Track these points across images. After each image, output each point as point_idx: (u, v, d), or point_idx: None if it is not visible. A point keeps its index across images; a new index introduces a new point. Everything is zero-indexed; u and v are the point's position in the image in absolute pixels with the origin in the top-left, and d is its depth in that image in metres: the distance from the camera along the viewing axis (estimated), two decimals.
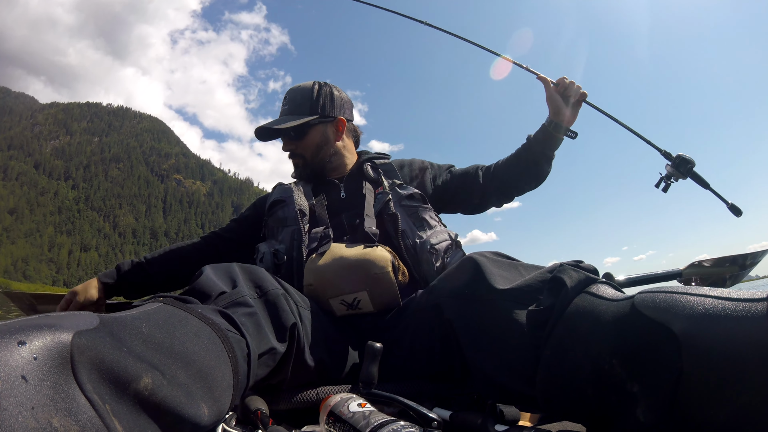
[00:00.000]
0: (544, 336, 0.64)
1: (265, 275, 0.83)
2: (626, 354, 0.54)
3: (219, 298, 0.72)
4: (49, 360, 0.38)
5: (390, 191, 1.21)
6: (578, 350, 0.59)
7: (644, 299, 0.55)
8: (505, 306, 0.72)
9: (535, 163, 1.30)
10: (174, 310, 0.59)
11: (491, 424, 0.63)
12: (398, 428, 0.52)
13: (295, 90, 1.33)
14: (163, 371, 0.48)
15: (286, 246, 1.13)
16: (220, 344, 0.59)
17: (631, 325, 0.55)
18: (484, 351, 0.75)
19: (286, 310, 0.78)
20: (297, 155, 1.32)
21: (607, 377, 0.55)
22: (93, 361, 0.41)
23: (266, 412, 0.69)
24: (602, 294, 0.63)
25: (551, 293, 0.67)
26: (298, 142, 1.30)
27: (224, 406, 0.57)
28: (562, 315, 0.63)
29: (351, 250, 1.01)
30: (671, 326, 0.49)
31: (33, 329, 0.40)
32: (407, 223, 1.15)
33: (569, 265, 0.71)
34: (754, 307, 0.46)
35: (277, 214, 1.20)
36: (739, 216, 1.29)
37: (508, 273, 0.80)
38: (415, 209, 1.18)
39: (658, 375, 0.50)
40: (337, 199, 1.26)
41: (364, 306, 0.97)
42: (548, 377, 0.62)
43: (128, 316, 0.52)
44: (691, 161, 1.26)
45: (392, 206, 1.17)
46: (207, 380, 0.53)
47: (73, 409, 0.38)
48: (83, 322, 0.44)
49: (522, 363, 0.67)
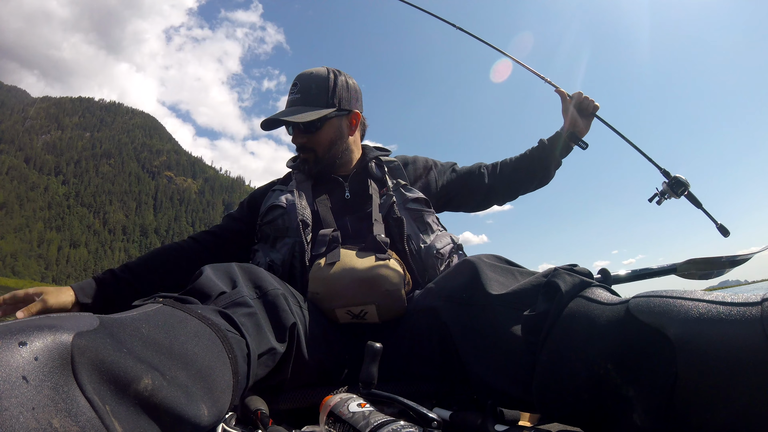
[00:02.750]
0: (539, 341, 0.64)
1: (264, 275, 0.82)
2: (621, 359, 0.54)
3: (219, 298, 0.72)
4: (49, 361, 0.39)
5: (394, 192, 1.18)
6: (573, 355, 0.59)
7: (639, 304, 0.55)
8: (500, 311, 0.72)
9: (546, 167, 1.38)
10: (174, 310, 0.60)
11: (491, 424, 0.64)
12: (398, 428, 0.53)
13: (308, 77, 1.23)
14: (163, 372, 0.48)
15: (282, 257, 1.08)
16: (219, 345, 0.60)
17: (626, 329, 0.55)
18: (480, 356, 0.75)
19: (286, 310, 0.78)
20: (308, 149, 1.24)
21: (602, 382, 0.55)
22: (93, 362, 0.42)
23: (266, 412, 0.69)
24: (597, 298, 0.63)
25: (546, 298, 0.67)
26: (311, 136, 1.22)
27: (224, 406, 0.57)
28: (557, 320, 0.63)
29: (363, 262, 0.97)
30: (666, 331, 0.49)
31: (34, 330, 0.40)
32: (412, 228, 1.13)
33: (564, 270, 0.70)
34: (748, 311, 0.46)
35: (276, 222, 1.13)
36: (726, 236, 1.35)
37: (504, 278, 0.80)
38: (419, 213, 1.15)
39: (653, 380, 0.50)
40: (341, 200, 1.21)
41: (370, 318, 0.96)
42: (544, 382, 0.62)
43: (128, 317, 0.52)
44: (686, 183, 1.33)
45: (397, 210, 1.13)
46: (207, 381, 0.54)
47: (73, 409, 0.38)
48: (84, 323, 0.44)
49: (518, 368, 0.67)
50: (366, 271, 0.95)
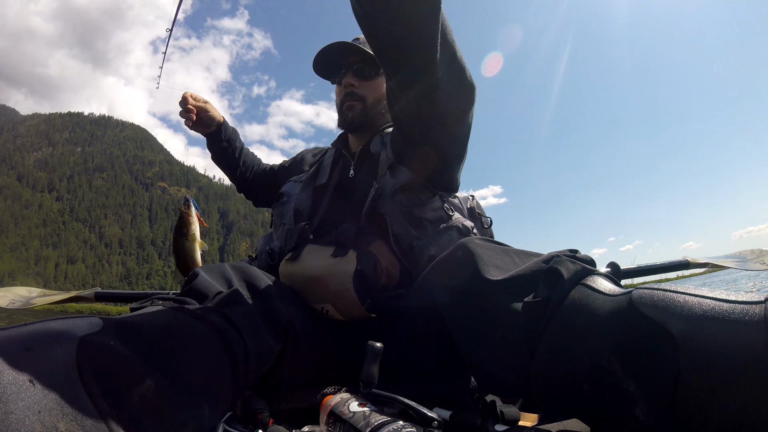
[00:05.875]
0: (540, 329, 0.62)
1: (257, 274, 0.83)
2: (624, 351, 0.53)
3: (215, 298, 0.72)
4: (55, 364, 0.39)
5: (381, 180, 1.06)
6: (575, 344, 0.58)
7: (642, 296, 0.54)
8: (500, 298, 0.70)
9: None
10: (173, 312, 0.61)
11: (491, 424, 0.63)
12: (398, 428, 0.53)
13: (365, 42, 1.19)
14: (165, 372, 0.49)
15: (279, 245, 1.12)
16: (219, 344, 0.61)
17: (628, 322, 0.54)
18: (478, 343, 0.73)
19: (280, 308, 0.79)
20: (357, 96, 1.18)
21: (604, 374, 0.55)
22: (98, 365, 0.42)
23: (266, 412, 0.69)
24: (599, 287, 0.62)
25: (547, 284, 0.65)
26: (366, 82, 1.17)
27: (225, 405, 0.58)
28: (558, 307, 0.62)
29: (317, 260, 0.96)
30: (669, 327, 0.49)
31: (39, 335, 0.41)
32: (401, 225, 1.03)
33: (566, 256, 0.69)
34: (752, 309, 0.46)
35: (277, 209, 1.21)
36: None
37: (501, 261, 0.77)
38: (409, 208, 1.03)
39: (655, 375, 0.50)
40: (345, 180, 1.20)
41: (333, 315, 0.94)
42: (544, 371, 0.61)
43: (130, 319, 0.53)
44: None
45: (384, 202, 1.04)
46: (207, 380, 0.55)
47: (78, 413, 0.38)
48: (88, 326, 0.45)
49: (517, 356, 0.66)
50: (312, 271, 0.94)
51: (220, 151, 1.44)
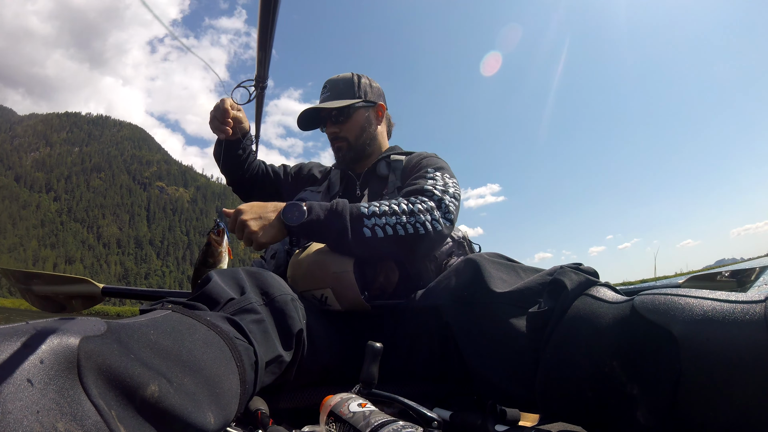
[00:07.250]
0: (544, 338, 0.63)
1: (272, 280, 0.82)
2: (626, 356, 0.54)
3: (227, 305, 0.72)
4: (55, 364, 0.39)
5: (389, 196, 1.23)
6: (578, 352, 0.59)
7: (644, 301, 0.55)
8: (504, 309, 0.72)
9: None
10: (182, 317, 0.60)
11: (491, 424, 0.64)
12: (398, 428, 0.53)
13: (336, 79, 1.38)
14: (170, 379, 0.48)
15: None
16: (228, 352, 0.60)
17: (630, 327, 0.55)
18: (484, 354, 0.75)
19: (293, 316, 0.78)
20: (341, 138, 1.35)
21: (606, 379, 0.55)
22: (100, 367, 0.41)
23: (266, 412, 0.68)
24: (602, 296, 0.63)
25: (551, 296, 0.67)
26: (342, 125, 1.34)
27: (230, 414, 0.57)
28: (562, 317, 0.63)
29: (321, 246, 1.02)
30: (670, 329, 0.50)
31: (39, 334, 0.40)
32: None
33: (569, 268, 0.70)
34: (752, 309, 0.46)
35: None
36: None
37: (507, 276, 0.80)
38: None
39: (657, 377, 0.50)
40: (352, 198, 1.29)
41: (331, 303, 0.98)
42: (547, 379, 0.62)
43: (136, 323, 0.52)
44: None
45: None
46: (214, 388, 0.54)
47: (78, 414, 0.38)
48: (91, 327, 0.44)
49: (521, 365, 0.67)
50: (317, 254, 1.00)
51: (233, 157, 1.46)
